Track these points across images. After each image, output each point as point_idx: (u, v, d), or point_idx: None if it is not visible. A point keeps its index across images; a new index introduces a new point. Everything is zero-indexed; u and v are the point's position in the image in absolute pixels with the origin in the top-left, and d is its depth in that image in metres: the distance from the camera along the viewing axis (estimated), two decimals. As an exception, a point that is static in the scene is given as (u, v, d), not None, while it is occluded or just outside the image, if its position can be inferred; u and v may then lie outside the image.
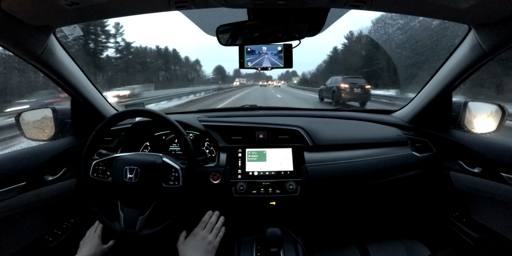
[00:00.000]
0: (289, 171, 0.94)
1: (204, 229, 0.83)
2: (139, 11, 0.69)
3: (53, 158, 0.88)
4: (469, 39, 0.79)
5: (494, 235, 0.85)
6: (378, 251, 0.94)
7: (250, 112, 1.28)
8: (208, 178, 0.93)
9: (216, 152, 1.02)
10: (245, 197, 0.91)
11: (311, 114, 1.27)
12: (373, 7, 0.63)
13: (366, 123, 1.16)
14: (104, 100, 1.08)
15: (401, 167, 1.00)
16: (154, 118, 0.82)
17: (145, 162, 0.77)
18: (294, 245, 0.91)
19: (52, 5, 0.58)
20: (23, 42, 0.68)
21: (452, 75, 0.90)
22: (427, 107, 1.05)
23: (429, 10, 0.65)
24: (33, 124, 0.99)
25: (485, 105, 1.00)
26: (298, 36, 0.77)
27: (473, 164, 0.92)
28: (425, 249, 0.95)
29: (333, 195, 1.01)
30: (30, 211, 0.83)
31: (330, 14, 0.76)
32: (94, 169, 0.80)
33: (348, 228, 1.20)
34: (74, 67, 0.90)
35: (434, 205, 1.12)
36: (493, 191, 0.84)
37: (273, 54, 0.83)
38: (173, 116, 0.88)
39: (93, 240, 0.83)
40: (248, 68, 0.84)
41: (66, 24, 0.76)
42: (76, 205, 1.00)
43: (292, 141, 1.01)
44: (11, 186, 0.76)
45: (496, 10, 0.61)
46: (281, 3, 0.63)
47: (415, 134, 1.10)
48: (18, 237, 0.81)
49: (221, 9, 0.71)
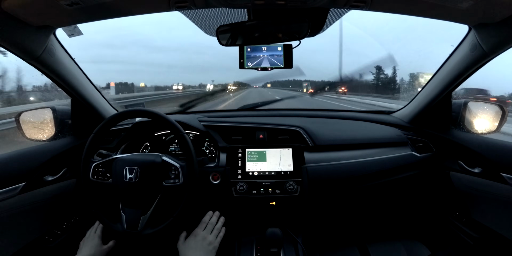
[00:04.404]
0: (289, 171, 0.93)
1: (205, 229, 0.83)
2: (139, 11, 0.69)
3: (53, 158, 0.88)
4: (469, 39, 0.79)
5: (494, 235, 0.85)
6: (378, 252, 0.94)
7: (250, 112, 1.28)
8: (208, 178, 0.93)
9: (216, 152, 1.02)
10: (245, 197, 0.91)
11: (311, 114, 1.27)
12: (373, 7, 0.63)
13: (366, 123, 1.16)
14: (104, 100, 1.08)
15: (401, 167, 1.00)
16: (154, 118, 0.82)
17: (145, 162, 0.77)
18: (294, 245, 0.91)
19: (52, 5, 0.58)
20: (23, 42, 0.68)
21: (452, 75, 0.90)
22: (427, 107, 1.05)
23: (429, 10, 0.65)
24: (33, 124, 0.99)
25: (485, 105, 1.00)
26: (298, 36, 0.77)
27: (473, 164, 0.92)
28: (425, 249, 0.95)
29: (333, 195, 1.01)
30: (30, 211, 0.83)
31: (330, 14, 0.76)
32: (94, 171, 0.79)
33: (348, 228, 1.20)
34: (74, 67, 0.90)
35: (434, 205, 1.12)
36: (493, 191, 0.84)
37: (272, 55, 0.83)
38: (173, 116, 0.88)
39: (93, 241, 0.83)
40: (248, 69, 0.84)
41: (66, 24, 0.76)
42: (76, 205, 1.00)
43: (292, 141, 1.01)
44: (11, 186, 0.76)
45: (496, 10, 0.61)
46: (281, 3, 0.63)
47: (415, 134, 1.10)
48: (18, 237, 0.81)
49: (221, 9, 0.71)
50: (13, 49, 0.68)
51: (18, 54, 0.71)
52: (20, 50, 0.69)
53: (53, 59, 0.79)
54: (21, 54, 0.71)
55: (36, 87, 4.30)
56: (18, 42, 0.67)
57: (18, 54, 0.71)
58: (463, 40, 0.83)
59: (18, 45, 0.68)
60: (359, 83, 10.90)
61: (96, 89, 1.03)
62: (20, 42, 0.67)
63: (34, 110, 1.00)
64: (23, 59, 0.73)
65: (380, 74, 4.74)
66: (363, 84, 12.68)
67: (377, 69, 4.51)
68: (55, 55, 0.79)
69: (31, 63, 0.76)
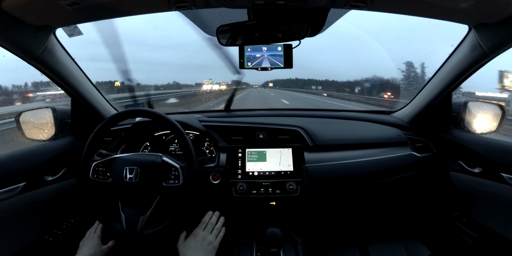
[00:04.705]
0: (289, 171, 0.93)
1: (204, 229, 0.83)
2: (139, 11, 0.69)
3: (53, 158, 0.88)
4: (469, 39, 0.79)
5: (494, 235, 0.85)
6: (378, 252, 0.94)
7: (250, 113, 1.28)
8: (208, 178, 0.93)
9: (216, 152, 1.02)
10: (245, 197, 0.91)
11: (311, 114, 1.27)
12: (373, 7, 0.63)
13: (366, 123, 1.16)
14: (104, 100, 1.08)
15: (401, 167, 1.00)
16: (154, 118, 0.82)
17: (145, 162, 0.77)
18: (294, 245, 0.91)
19: (52, 5, 0.58)
20: (23, 42, 0.68)
21: (452, 75, 0.90)
22: (427, 107, 1.05)
23: (429, 10, 0.65)
24: (33, 124, 0.99)
25: (485, 105, 1.00)
26: (298, 36, 0.77)
27: (473, 164, 0.91)
28: (425, 250, 0.95)
29: (333, 195, 1.01)
30: (30, 211, 0.83)
31: (330, 14, 0.76)
32: (94, 170, 0.80)
33: (348, 228, 1.20)
34: (74, 67, 0.90)
35: (434, 205, 1.12)
36: (493, 191, 0.84)
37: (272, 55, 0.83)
38: (173, 116, 0.88)
39: (93, 241, 0.83)
40: (248, 69, 0.84)
41: (66, 24, 0.76)
42: (76, 205, 1.00)
43: (292, 141, 1.01)
44: (11, 186, 0.76)
45: (496, 10, 0.61)
46: (281, 3, 0.62)
47: (415, 134, 1.10)
48: (18, 237, 0.81)
49: (221, 9, 0.71)
50: (13, 49, 0.68)
51: (18, 54, 0.71)
52: (20, 50, 0.69)
53: (53, 59, 0.79)
54: (21, 54, 0.71)
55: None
56: (18, 42, 0.67)
57: (18, 54, 0.71)
58: (463, 40, 0.83)
59: (18, 45, 0.68)
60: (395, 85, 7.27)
61: (96, 89, 1.03)
62: (20, 42, 0.67)
63: (34, 110, 1.00)
64: (23, 59, 0.73)
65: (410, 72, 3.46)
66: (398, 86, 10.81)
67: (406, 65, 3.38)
68: (55, 55, 0.79)
69: (31, 63, 0.76)
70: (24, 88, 4.21)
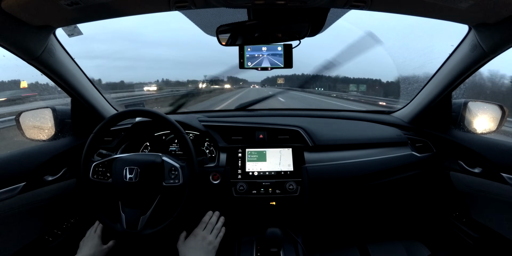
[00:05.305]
0: (289, 171, 0.93)
1: (204, 229, 0.83)
2: (139, 11, 0.69)
3: (53, 158, 0.88)
4: (469, 39, 0.79)
5: (494, 235, 0.85)
6: (378, 252, 0.94)
7: (250, 113, 1.28)
8: (208, 178, 0.93)
9: (216, 152, 1.02)
10: (245, 197, 0.91)
11: (311, 114, 1.27)
12: (373, 7, 0.63)
13: (366, 123, 1.16)
14: (104, 100, 1.08)
15: (401, 167, 1.00)
16: (154, 118, 0.82)
17: (145, 162, 0.77)
18: (294, 245, 0.91)
19: (52, 5, 0.58)
20: (23, 42, 0.68)
21: (452, 75, 0.90)
22: (427, 107, 1.05)
23: (429, 10, 0.65)
24: (33, 124, 0.99)
25: (485, 105, 1.00)
26: (298, 36, 0.77)
27: (473, 164, 0.91)
28: (425, 250, 0.95)
29: (333, 195, 1.01)
30: (30, 211, 0.83)
31: (330, 14, 0.76)
32: (94, 171, 0.80)
33: (348, 229, 1.20)
34: (74, 67, 0.90)
35: (434, 205, 1.12)
36: (493, 191, 0.84)
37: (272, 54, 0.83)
38: (173, 116, 0.88)
39: (93, 240, 0.83)
40: (248, 68, 0.84)
41: (66, 24, 0.76)
42: (76, 205, 1.00)
43: (292, 141, 1.01)
44: (11, 186, 0.76)
45: (496, 10, 0.60)
46: (281, 3, 0.63)
47: (415, 134, 1.10)
48: (18, 237, 0.81)
49: (221, 9, 0.71)
50: (13, 49, 0.68)
51: (18, 54, 0.71)
52: (20, 50, 0.69)
53: (53, 59, 0.79)
54: (21, 54, 0.71)
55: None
56: (18, 42, 0.67)
57: (18, 54, 0.71)
58: (463, 40, 0.83)
59: (18, 45, 0.68)
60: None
61: (96, 88, 1.03)
62: (20, 42, 0.67)
63: (34, 110, 1.00)
64: (23, 59, 0.73)
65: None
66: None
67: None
68: (55, 55, 0.79)
69: (31, 63, 0.76)
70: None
